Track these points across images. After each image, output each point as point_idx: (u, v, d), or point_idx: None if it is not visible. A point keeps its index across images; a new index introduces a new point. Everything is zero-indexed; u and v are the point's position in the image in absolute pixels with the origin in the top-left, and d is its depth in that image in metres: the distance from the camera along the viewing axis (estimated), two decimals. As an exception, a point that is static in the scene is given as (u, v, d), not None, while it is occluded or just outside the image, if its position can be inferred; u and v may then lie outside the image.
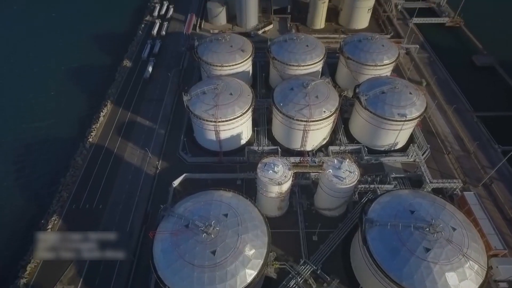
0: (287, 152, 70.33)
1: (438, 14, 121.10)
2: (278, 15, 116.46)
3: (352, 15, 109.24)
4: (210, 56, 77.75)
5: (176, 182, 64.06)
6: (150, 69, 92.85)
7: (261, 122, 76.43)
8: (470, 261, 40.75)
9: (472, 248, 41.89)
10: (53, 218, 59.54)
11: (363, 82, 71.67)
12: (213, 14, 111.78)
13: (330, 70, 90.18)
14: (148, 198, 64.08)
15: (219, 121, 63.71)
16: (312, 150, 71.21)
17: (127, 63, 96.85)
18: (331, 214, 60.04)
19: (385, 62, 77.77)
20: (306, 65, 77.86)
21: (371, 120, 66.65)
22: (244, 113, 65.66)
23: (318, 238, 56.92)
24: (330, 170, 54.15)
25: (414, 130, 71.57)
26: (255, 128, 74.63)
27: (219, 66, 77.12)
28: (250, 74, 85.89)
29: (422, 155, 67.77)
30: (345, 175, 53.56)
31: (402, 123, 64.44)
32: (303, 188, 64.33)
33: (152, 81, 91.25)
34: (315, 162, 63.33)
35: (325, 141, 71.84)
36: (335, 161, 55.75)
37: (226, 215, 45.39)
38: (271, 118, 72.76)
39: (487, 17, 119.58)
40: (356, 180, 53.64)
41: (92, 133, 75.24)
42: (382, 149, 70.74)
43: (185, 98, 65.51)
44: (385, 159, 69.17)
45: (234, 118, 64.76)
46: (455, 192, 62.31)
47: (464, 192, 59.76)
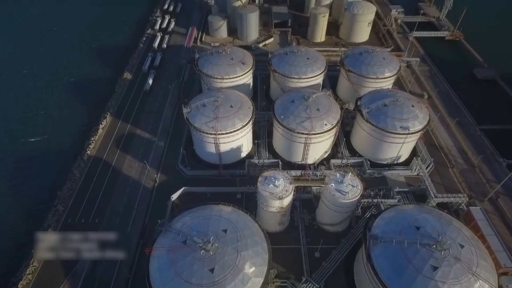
0: (288, 166, 69.18)
1: (438, 28, 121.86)
2: (278, 29, 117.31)
3: (353, 29, 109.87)
4: (210, 68, 77.59)
5: (174, 196, 62.74)
6: (151, 81, 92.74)
7: (262, 134, 75.57)
8: (480, 280, 38.98)
9: (481, 266, 40.18)
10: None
11: (364, 95, 71.14)
12: (214, 27, 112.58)
13: (331, 83, 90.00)
14: (146, 212, 62.60)
15: (219, 134, 62.83)
16: (314, 164, 70.06)
17: (127, 75, 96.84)
18: (334, 230, 58.38)
19: (387, 75, 77.45)
20: (307, 78, 77.58)
21: (373, 133, 65.72)
22: (244, 126, 64.84)
23: (321, 254, 55.13)
24: (333, 184, 52.91)
25: (417, 143, 70.53)
26: (256, 141, 73.68)
27: (220, 78, 76.85)
28: (251, 87, 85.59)
29: (426, 168, 66.49)
30: (348, 189, 52.29)
31: (405, 136, 63.48)
32: (305, 202, 62.89)
33: (152, 93, 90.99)
34: (317, 176, 61.96)
35: (326, 154, 70.76)
36: (337, 174, 54.56)
37: (225, 231, 43.94)
38: (272, 130, 71.93)
39: (486, 30, 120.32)
40: (359, 195, 52.29)
41: (90, 146, 74.30)
42: (385, 162, 69.56)
43: (185, 111, 64.85)
44: (388, 173, 67.90)
45: (234, 131, 63.92)
46: (460, 207, 60.77)
47: (470, 207, 58.21)
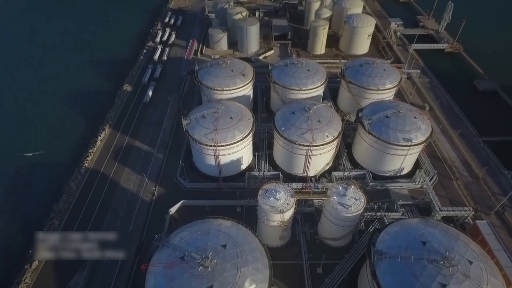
0: (289, 178, 67.88)
1: (437, 40, 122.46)
2: (278, 41, 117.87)
3: (352, 41, 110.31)
4: (210, 80, 77.24)
5: (173, 210, 61.33)
6: (150, 93, 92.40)
7: (262, 146, 74.55)
8: (491, 299, 37.34)
9: (492, 283, 38.50)
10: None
11: (366, 106, 70.39)
12: (215, 40, 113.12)
13: (331, 94, 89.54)
14: (143, 226, 61.02)
15: (219, 146, 61.82)
16: (315, 176, 68.82)
17: (127, 87, 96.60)
18: (336, 244, 56.69)
19: (388, 86, 76.98)
20: (308, 89, 77.10)
21: (375, 144, 64.70)
22: (244, 138, 63.86)
23: (323, 270, 53.29)
24: (335, 197, 51.57)
25: (419, 155, 69.44)
26: (256, 153, 72.51)
27: (220, 90, 76.41)
28: (251, 99, 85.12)
29: (429, 181, 65.19)
30: (351, 202, 50.92)
31: (408, 148, 62.42)
32: (306, 215, 61.40)
33: (152, 105, 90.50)
34: (319, 189, 60.54)
35: (328, 167, 69.59)
36: (340, 187, 53.28)
37: (224, 246, 42.47)
38: (272, 142, 70.91)
39: (486, 42, 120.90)
40: (362, 208, 50.88)
41: (88, 158, 73.24)
42: (388, 174, 68.29)
43: (184, 122, 64.06)
44: (391, 185, 66.56)
45: (234, 143, 62.89)
46: (466, 220, 59.25)
47: (477, 221, 56.61)
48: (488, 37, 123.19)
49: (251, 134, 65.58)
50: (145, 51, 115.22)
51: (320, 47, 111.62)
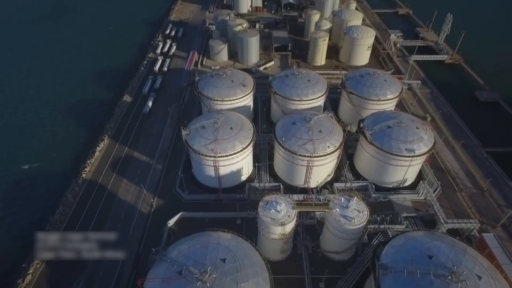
0: (290, 189, 66.58)
1: (437, 52, 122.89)
2: (279, 53, 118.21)
3: (352, 52, 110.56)
4: (210, 90, 76.87)
5: (171, 222, 60.00)
6: (150, 103, 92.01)
7: (263, 157, 73.54)
8: (502, 316, 35.74)
9: (502, 300, 37.03)
10: (36, 262, 54.62)
11: (367, 117, 69.72)
12: (215, 51, 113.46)
13: (332, 105, 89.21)
14: (141, 238, 59.51)
15: (219, 156, 60.88)
16: (317, 187, 67.55)
17: (127, 98, 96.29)
18: (339, 258, 55.14)
19: (389, 96, 76.49)
20: (308, 100, 76.59)
21: (378, 155, 63.72)
22: (244, 148, 62.93)
23: (326, 285, 51.69)
24: (337, 209, 50.30)
25: (422, 166, 68.34)
26: (256, 164, 71.33)
27: (220, 100, 75.94)
28: (251, 109, 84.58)
29: (433, 192, 63.95)
30: (354, 214, 49.63)
31: (411, 158, 61.41)
32: (308, 228, 59.96)
33: (152, 115, 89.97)
34: (320, 200, 59.32)
35: (329, 178, 68.47)
36: (342, 199, 52.05)
37: (224, 260, 41.05)
38: (273, 153, 69.95)
39: (486, 54, 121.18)
40: (365, 220, 49.53)
41: (86, 169, 72.24)
42: (390, 186, 67.09)
43: (184, 133, 63.26)
44: (394, 197, 65.28)
45: (234, 153, 61.91)
46: (472, 233, 57.76)
47: (483, 234, 55.19)
48: (487, 49, 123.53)
49: (251, 145, 64.64)
50: (145, 62, 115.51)
51: (321, 58, 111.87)
